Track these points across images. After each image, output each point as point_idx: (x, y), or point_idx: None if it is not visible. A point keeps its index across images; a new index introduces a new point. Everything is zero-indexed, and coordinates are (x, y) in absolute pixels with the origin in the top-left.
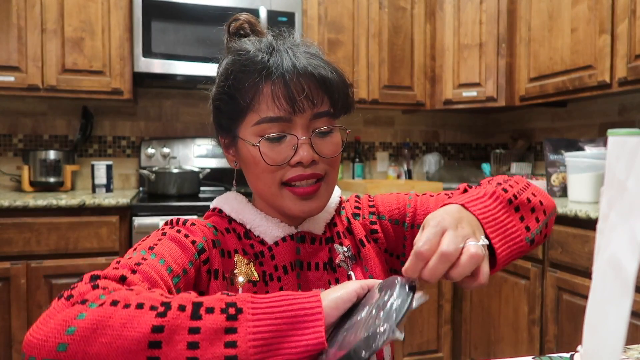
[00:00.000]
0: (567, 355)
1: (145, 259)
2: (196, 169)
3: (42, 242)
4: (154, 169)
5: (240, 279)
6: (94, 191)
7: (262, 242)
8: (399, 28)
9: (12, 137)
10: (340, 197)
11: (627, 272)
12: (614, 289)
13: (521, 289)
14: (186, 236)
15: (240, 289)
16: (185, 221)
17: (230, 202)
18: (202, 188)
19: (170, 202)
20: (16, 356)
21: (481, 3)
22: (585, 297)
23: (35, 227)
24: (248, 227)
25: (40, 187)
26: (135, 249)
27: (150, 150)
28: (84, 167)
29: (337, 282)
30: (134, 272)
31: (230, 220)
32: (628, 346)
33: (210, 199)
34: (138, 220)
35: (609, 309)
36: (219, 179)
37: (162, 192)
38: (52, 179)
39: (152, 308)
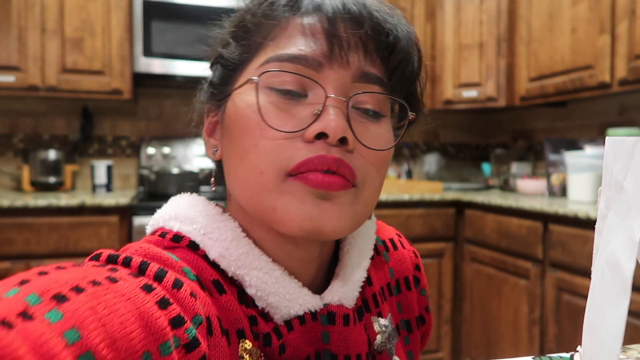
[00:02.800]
0: (567, 355)
1: (32, 315)
2: (196, 169)
3: (42, 242)
4: (154, 169)
5: None
6: (94, 191)
7: (264, 315)
8: None
9: (12, 137)
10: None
11: (625, 272)
12: (612, 288)
13: (521, 289)
14: (164, 304)
15: None
16: (169, 277)
17: (212, 231)
18: (202, 188)
19: None
20: None
21: (481, 3)
22: (585, 297)
23: (36, 227)
24: (252, 290)
25: (40, 187)
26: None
27: (150, 150)
28: (84, 167)
29: None
30: None
31: (214, 265)
32: (628, 346)
33: (211, 200)
34: (138, 220)
35: (607, 309)
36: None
37: (162, 192)
38: (52, 179)
39: None
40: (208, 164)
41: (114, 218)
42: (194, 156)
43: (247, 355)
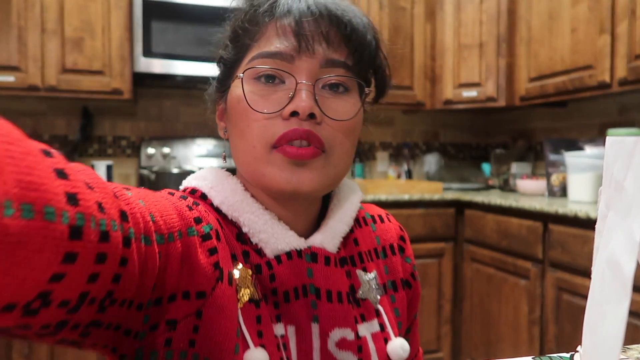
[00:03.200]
0: (567, 355)
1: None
2: (196, 169)
3: None
4: (154, 169)
5: (242, 296)
6: None
7: (259, 251)
8: (399, 28)
9: None
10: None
11: (625, 272)
12: (612, 288)
13: (521, 289)
14: (190, 208)
15: (239, 311)
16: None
17: (219, 188)
18: None
19: None
20: (16, 356)
21: (481, 3)
22: (585, 297)
23: None
24: (245, 229)
25: None
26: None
27: (150, 150)
28: None
29: (364, 319)
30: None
31: (218, 210)
32: (628, 346)
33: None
34: None
35: (608, 309)
36: None
37: None
38: None
39: None
40: (208, 164)
41: None
42: (194, 156)
43: (241, 272)
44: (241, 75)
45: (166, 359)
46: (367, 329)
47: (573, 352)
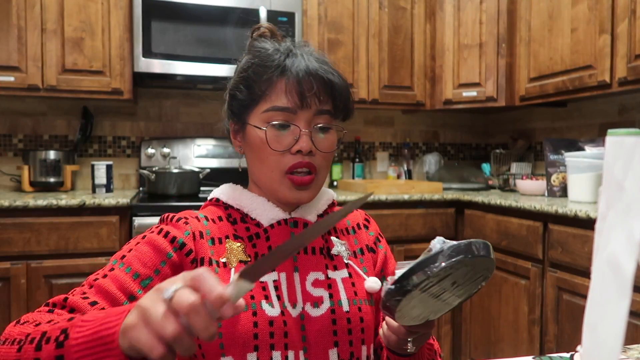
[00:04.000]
0: (567, 355)
1: (112, 269)
2: (196, 169)
3: (42, 242)
4: (154, 169)
5: (233, 261)
6: (94, 191)
7: (258, 224)
8: (399, 28)
9: (12, 137)
10: (334, 200)
11: (625, 271)
12: (612, 288)
13: (521, 289)
14: (166, 234)
15: (232, 270)
16: (173, 217)
17: (227, 191)
18: (202, 188)
19: (170, 202)
20: None
21: (481, 3)
22: (585, 297)
23: (35, 227)
24: (245, 210)
25: (40, 187)
26: (115, 256)
27: (150, 150)
28: (84, 167)
29: (335, 268)
30: (91, 286)
31: (227, 207)
32: (628, 346)
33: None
34: (138, 221)
35: (608, 309)
36: (219, 179)
37: (162, 192)
38: (52, 179)
39: (18, 343)
40: (208, 164)
41: (114, 218)
42: (194, 156)
43: (230, 246)
44: (264, 128)
45: None
46: (337, 275)
47: (573, 352)
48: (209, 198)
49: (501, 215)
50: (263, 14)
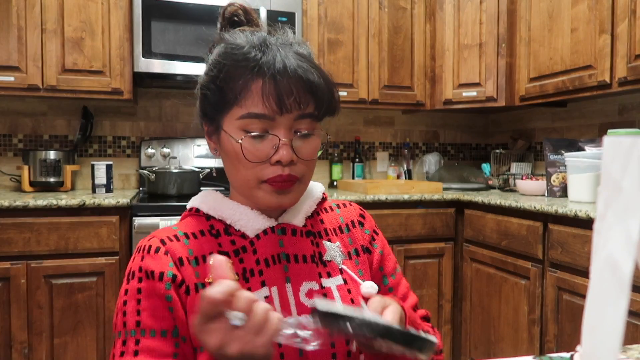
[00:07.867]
0: (567, 355)
1: (138, 341)
2: (196, 169)
3: (42, 242)
4: (154, 169)
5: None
6: (94, 191)
7: (243, 236)
8: (399, 28)
9: (12, 137)
10: (324, 194)
11: (623, 271)
12: (610, 288)
13: (521, 289)
14: (152, 275)
15: None
16: (150, 247)
17: (207, 200)
18: (202, 188)
19: (170, 202)
20: (16, 356)
21: (481, 3)
22: (585, 297)
23: (35, 227)
24: (228, 222)
25: (40, 187)
26: (124, 326)
27: (150, 150)
28: (84, 167)
29: (329, 275)
30: None
31: (209, 217)
32: (628, 346)
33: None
34: (138, 221)
35: (606, 309)
36: (219, 179)
37: (162, 192)
38: (52, 179)
39: None
40: (208, 164)
41: (114, 218)
42: (194, 156)
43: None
44: (240, 141)
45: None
46: (332, 282)
47: (573, 352)
48: (187, 207)
49: (501, 215)
50: (263, 14)
